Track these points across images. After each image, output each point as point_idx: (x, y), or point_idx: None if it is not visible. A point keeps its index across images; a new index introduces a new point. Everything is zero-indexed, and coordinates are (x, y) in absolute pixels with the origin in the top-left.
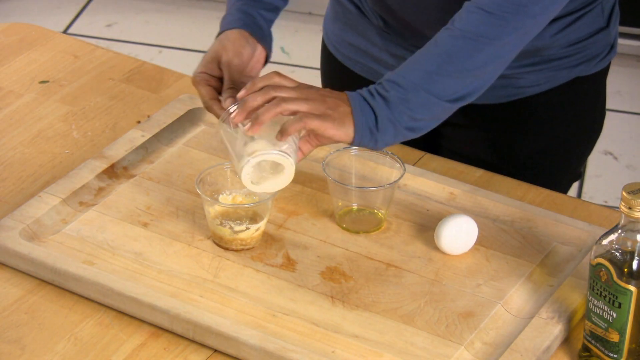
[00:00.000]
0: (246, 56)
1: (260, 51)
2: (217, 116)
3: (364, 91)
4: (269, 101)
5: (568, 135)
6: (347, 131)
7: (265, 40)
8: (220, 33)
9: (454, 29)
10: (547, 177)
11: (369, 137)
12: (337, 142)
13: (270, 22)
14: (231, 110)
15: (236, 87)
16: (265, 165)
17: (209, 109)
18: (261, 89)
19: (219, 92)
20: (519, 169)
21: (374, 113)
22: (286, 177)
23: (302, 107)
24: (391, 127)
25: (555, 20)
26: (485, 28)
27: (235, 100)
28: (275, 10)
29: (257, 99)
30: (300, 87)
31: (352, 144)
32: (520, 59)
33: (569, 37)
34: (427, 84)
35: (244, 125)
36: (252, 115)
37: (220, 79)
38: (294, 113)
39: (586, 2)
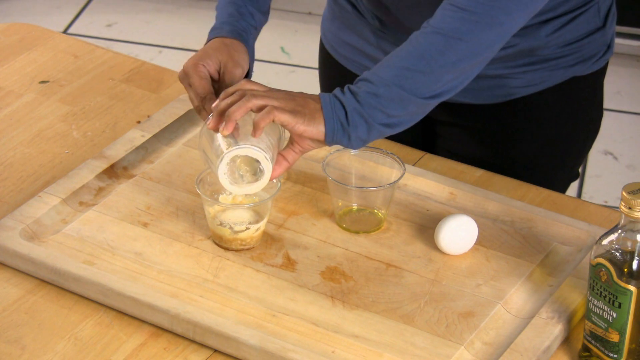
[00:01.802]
0: (245, 70)
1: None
2: (202, 118)
3: (336, 90)
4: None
5: (565, 135)
6: (318, 127)
7: (252, 59)
8: (216, 36)
9: (427, 27)
10: (544, 177)
11: (341, 132)
12: (312, 139)
13: (254, 41)
14: (207, 122)
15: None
16: (242, 165)
17: (199, 101)
18: (232, 94)
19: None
20: (515, 169)
21: (344, 107)
22: (265, 177)
23: (271, 102)
24: (362, 121)
25: (551, 20)
26: (457, 24)
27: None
28: (258, 30)
29: (228, 101)
30: (271, 89)
31: (325, 141)
32: (516, 58)
33: (564, 37)
34: (398, 80)
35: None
36: (225, 115)
37: (212, 78)
38: (263, 107)
39: (582, 2)
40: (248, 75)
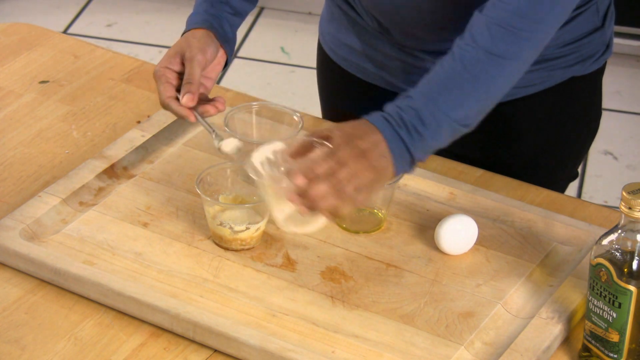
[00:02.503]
0: (210, 55)
1: (221, 54)
2: (175, 114)
3: (402, 129)
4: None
5: (564, 135)
6: (387, 179)
7: (228, 44)
8: (185, 32)
9: (476, 47)
10: (544, 177)
11: (402, 173)
12: None
13: (235, 27)
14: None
15: (194, 82)
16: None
17: (165, 107)
18: (310, 172)
19: (178, 90)
20: (515, 169)
21: (410, 154)
22: (320, 223)
23: (355, 184)
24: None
25: None
26: (506, 48)
27: (192, 96)
28: (241, 15)
29: (319, 191)
30: (342, 155)
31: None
32: None
33: (564, 37)
34: (453, 114)
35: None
36: (309, 203)
37: (181, 75)
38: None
39: (581, 2)
40: (227, 61)
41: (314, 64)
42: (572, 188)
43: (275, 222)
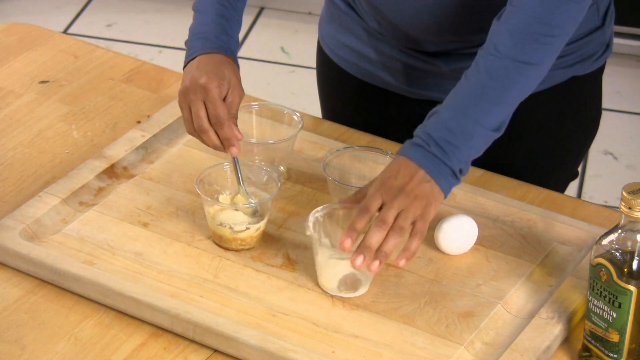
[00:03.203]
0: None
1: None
2: (209, 141)
3: (433, 147)
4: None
5: (564, 135)
6: (440, 200)
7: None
8: (212, 51)
9: (501, 56)
10: (544, 177)
11: (452, 186)
12: None
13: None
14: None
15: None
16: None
17: (203, 131)
18: (366, 218)
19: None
20: (515, 169)
21: (449, 167)
22: (363, 288)
23: (410, 218)
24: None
25: None
26: (530, 54)
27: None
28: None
29: (375, 238)
30: (387, 199)
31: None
32: None
33: None
34: (484, 122)
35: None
36: (376, 254)
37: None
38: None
39: None
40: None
41: (313, 64)
42: (572, 188)
43: (324, 287)
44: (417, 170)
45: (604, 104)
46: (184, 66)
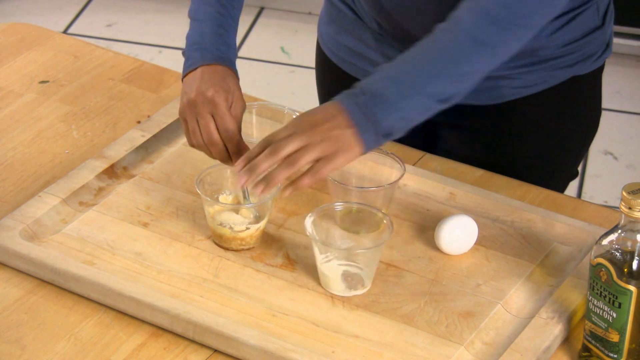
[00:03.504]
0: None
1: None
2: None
3: (363, 96)
4: (274, 160)
5: (564, 135)
6: (355, 152)
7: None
8: (215, 62)
9: (457, 30)
10: (544, 177)
11: (375, 145)
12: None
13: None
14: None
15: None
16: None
17: (213, 144)
18: (262, 149)
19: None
20: (515, 169)
21: (375, 119)
22: (365, 285)
23: (311, 155)
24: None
25: (551, 20)
26: (488, 35)
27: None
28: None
29: (264, 163)
30: (296, 131)
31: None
32: (516, 59)
33: (564, 37)
34: (428, 88)
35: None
36: (263, 178)
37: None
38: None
39: (582, 1)
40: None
41: (313, 64)
42: (572, 188)
43: (326, 286)
44: (339, 113)
45: (604, 104)
46: (183, 76)
